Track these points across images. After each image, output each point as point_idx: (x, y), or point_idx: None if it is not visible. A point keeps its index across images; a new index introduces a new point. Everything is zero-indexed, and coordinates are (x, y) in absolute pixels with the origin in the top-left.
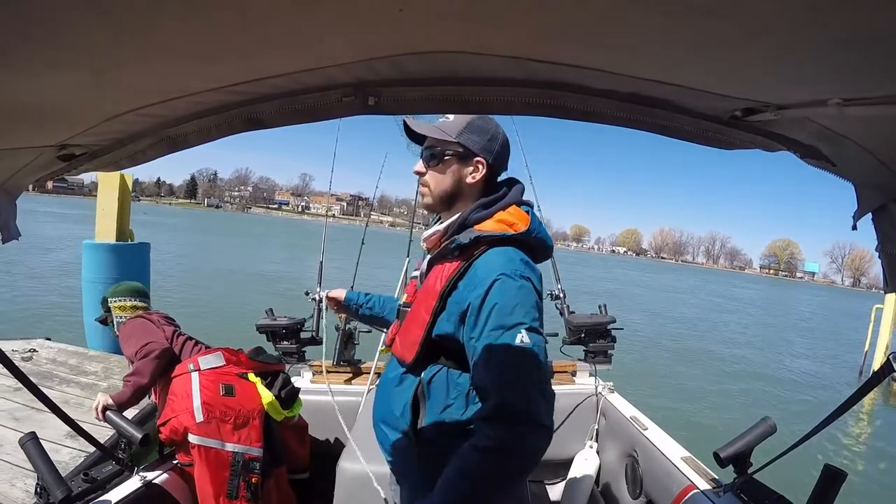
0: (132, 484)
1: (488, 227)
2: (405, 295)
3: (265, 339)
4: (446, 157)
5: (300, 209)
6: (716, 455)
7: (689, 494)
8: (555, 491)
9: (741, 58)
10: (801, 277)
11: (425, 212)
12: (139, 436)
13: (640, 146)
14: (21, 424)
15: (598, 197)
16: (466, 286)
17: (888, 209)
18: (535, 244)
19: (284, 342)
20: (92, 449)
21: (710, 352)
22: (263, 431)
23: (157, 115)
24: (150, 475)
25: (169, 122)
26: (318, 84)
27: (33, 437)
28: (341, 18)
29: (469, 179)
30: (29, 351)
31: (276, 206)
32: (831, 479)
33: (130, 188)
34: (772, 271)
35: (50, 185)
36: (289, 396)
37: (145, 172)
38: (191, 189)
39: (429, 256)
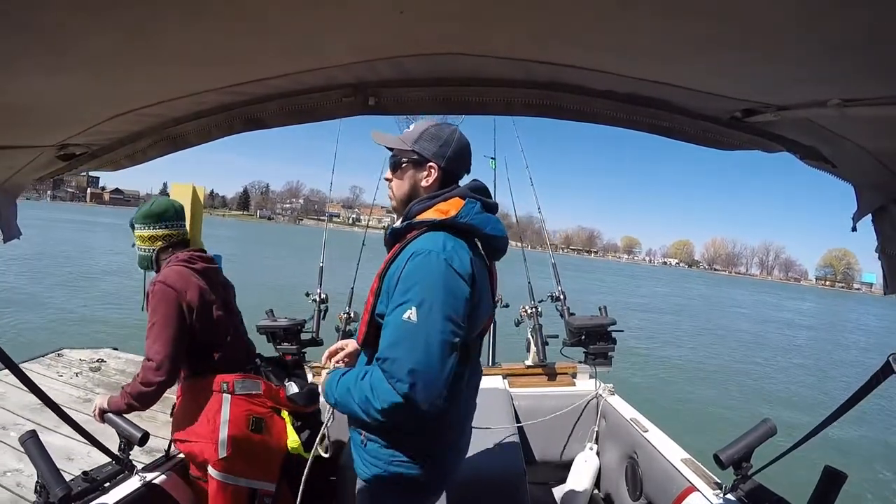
0: (132, 484)
1: (426, 216)
2: None
3: (265, 339)
4: (403, 164)
5: (351, 221)
6: (716, 457)
7: (690, 496)
8: (555, 493)
9: (741, 59)
10: (859, 289)
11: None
12: (139, 435)
13: (691, 156)
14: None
15: (649, 208)
16: (393, 266)
17: (888, 210)
18: (464, 229)
19: (285, 343)
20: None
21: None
22: (283, 466)
23: (157, 115)
24: (150, 475)
25: (169, 122)
26: (318, 84)
27: (33, 435)
28: (342, 20)
29: (423, 183)
30: (97, 361)
31: (326, 217)
32: (832, 480)
33: (202, 200)
34: (828, 282)
35: (107, 196)
36: (311, 440)
37: (198, 184)
38: (243, 201)
39: None
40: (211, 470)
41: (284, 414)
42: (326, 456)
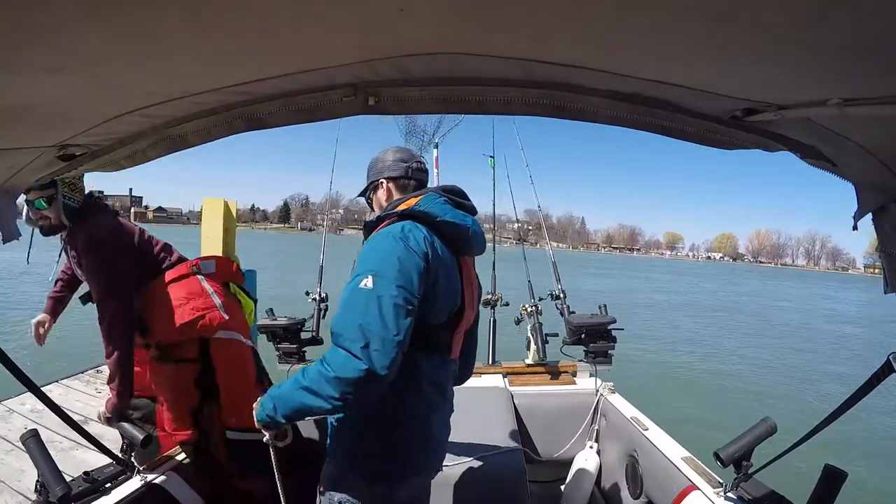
0: (132, 484)
1: (398, 209)
2: None
3: (265, 339)
4: (369, 197)
5: None
6: (716, 455)
7: (690, 494)
8: (555, 491)
9: (742, 58)
10: None
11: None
12: (140, 437)
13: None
14: None
15: (691, 203)
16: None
17: (888, 209)
18: (420, 216)
19: (284, 342)
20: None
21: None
22: None
23: (157, 115)
24: (150, 475)
25: (169, 122)
26: (318, 84)
27: (34, 434)
28: (342, 20)
29: (383, 198)
30: None
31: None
32: (832, 479)
33: (235, 214)
34: (877, 270)
35: (150, 214)
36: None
37: (240, 199)
38: (284, 214)
39: None
40: (221, 333)
41: (232, 286)
42: (282, 445)
